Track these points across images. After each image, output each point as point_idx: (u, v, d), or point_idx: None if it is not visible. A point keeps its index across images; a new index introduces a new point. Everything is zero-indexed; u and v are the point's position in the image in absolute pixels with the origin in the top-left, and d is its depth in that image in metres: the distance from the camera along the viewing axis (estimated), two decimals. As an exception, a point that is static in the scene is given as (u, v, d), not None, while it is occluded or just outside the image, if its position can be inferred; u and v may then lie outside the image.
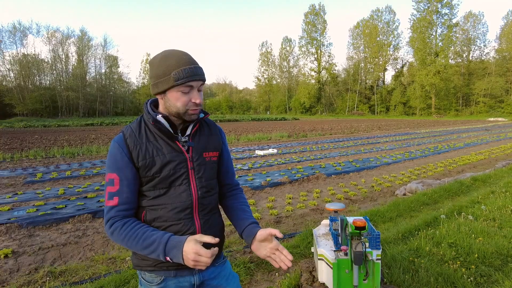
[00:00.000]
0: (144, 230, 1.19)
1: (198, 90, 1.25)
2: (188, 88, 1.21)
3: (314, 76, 77.67)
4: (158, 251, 1.14)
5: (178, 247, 1.11)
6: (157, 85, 1.23)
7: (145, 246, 1.15)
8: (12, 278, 3.22)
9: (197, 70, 1.22)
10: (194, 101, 1.22)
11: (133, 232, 1.18)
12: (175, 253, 1.11)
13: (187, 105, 1.22)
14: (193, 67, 1.20)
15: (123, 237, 1.18)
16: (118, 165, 1.22)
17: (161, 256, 1.14)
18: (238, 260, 3.27)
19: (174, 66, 1.19)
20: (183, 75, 1.18)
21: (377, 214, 4.75)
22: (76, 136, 20.61)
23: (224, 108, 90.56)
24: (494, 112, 56.06)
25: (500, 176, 7.19)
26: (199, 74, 1.22)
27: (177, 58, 1.21)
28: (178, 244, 1.12)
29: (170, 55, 1.22)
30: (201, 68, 1.25)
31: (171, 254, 1.12)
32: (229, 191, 1.51)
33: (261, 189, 6.63)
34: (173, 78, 1.18)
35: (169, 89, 1.22)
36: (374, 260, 2.04)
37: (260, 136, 18.63)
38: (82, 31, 64.45)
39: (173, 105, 1.23)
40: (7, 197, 6.10)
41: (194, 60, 1.24)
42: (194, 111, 1.25)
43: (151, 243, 1.15)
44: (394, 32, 71.68)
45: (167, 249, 1.13)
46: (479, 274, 2.92)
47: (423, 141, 16.10)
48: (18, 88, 54.99)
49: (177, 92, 1.21)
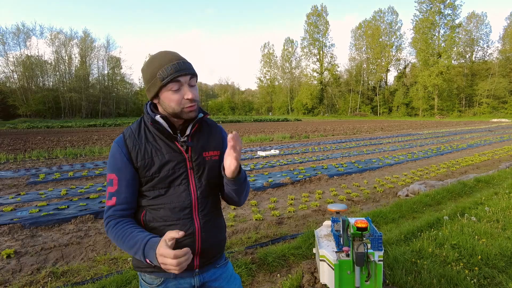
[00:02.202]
0: (131, 230, 1.18)
1: (190, 85, 1.22)
2: (176, 85, 1.19)
3: (316, 77, 77.66)
4: (139, 253, 1.13)
5: (154, 249, 1.08)
6: (149, 90, 1.23)
7: (130, 246, 1.15)
8: (15, 278, 3.23)
9: (182, 65, 1.19)
10: (187, 97, 1.20)
11: (122, 232, 1.18)
12: (152, 255, 1.08)
13: (181, 103, 1.20)
14: (176, 63, 1.19)
15: (113, 236, 1.20)
16: (117, 165, 1.23)
17: (142, 258, 1.13)
18: (240, 261, 3.26)
19: (158, 66, 1.18)
20: (167, 73, 1.17)
21: (379, 215, 4.73)
22: (79, 137, 20.69)
23: (226, 109, 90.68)
24: (498, 113, 55.82)
25: (504, 177, 7.14)
26: (184, 68, 1.19)
27: (160, 58, 1.20)
28: (154, 246, 1.09)
29: (154, 58, 1.22)
30: (187, 62, 1.22)
31: (150, 257, 1.10)
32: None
33: (263, 190, 6.63)
34: (159, 79, 1.18)
35: (160, 91, 1.21)
36: (376, 261, 2.03)
37: (262, 137, 18.62)
38: (85, 33, 64.84)
39: (168, 106, 1.22)
40: (10, 197, 6.13)
41: (179, 56, 1.23)
42: (190, 108, 1.22)
43: (134, 244, 1.14)
44: (397, 33, 71.66)
45: (146, 251, 1.11)
46: (483, 276, 2.90)
47: (425, 142, 16.03)
48: (22, 90, 55.32)
49: (168, 92, 1.20)
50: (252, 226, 4.55)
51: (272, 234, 4.25)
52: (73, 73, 63.06)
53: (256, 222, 4.74)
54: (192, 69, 1.23)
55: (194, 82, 1.24)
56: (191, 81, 1.22)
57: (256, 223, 4.69)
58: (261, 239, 4.12)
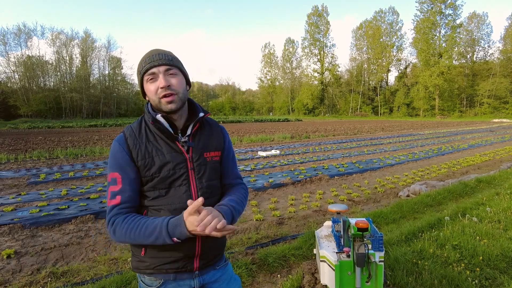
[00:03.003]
0: (144, 219, 1.18)
1: (169, 75, 1.21)
2: (151, 76, 1.21)
3: (317, 77, 77.65)
4: (163, 235, 1.12)
5: (180, 224, 1.10)
6: (139, 87, 1.29)
7: (148, 234, 1.14)
8: (15, 278, 3.23)
9: (156, 56, 1.21)
10: (160, 85, 1.19)
11: (135, 224, 1.16)
12: (180, 230, 1.09)
13: (157, 93, 1.21)
14: (151, 55, 1.22)
15: (125, 231, 1.16)
16: (119, 164, 1.22)
17: (167, 239, 1.12)
18: (240, 261, 3.26)
19: (140, 62, 1.25)
20: (143, 66, 1.22)
21: (380, 215, 4.72)
22: (80, 137, 20.71)
23: (227, 109, 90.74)
24: (499, 113, 55.72)
25: (505, 178, 7.12)
26: (158, 59, 1.20)
27: (144, 55, 1.25)
28: (179, 221, 1.10)
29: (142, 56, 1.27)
30: (165, 54, 1.23)
31: (176, 233, 1.10)
32: (228, 189, 1.45)
33: (264, 190, 6.62)
34: (139, 73, 1.24)
35: (143, 86, 1.25)
36: (377, 262, 2.02)
37: (263, 137, 18.62)
38: (86, 33, 64.91)
39: (151, 100, 1.24)
40: (11, 197, 6.13)
41: (159, 50, 1.25)
42: (167, 98, 1.20)
43: (153, 230, 1.13)
44: (398, 33, 71.59)
45: (170, 230, 1.11)
46: (484, 276, 2.89)
47: (426, 142, 16.01)
48: (23, 90, 55.40)
49: (146, 84, 1.23)
50: (253, 227, 4.54)
51: (273, 235, 4.24)
52: (74, 73, 63.11)
53: (256, 222, 4.73)
54: (168, 60, 1.22)
55: (174, 72, 1.23)
56: (169, 71, 1.22)
57: (256, 223, 4.68)
58: (261, 239, 4.11)
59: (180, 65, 1.27)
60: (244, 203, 1.37)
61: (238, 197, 1.35)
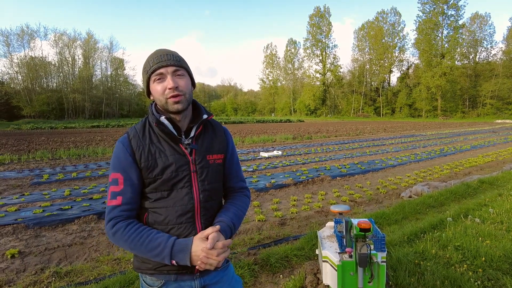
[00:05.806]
0: (148, 232, 1.18)
1: (177, 76, 1.22)
2: (159, 76, 1.21)
3: (319, 78, 77.43)
4: (163, 255, 1.13)
5: (185, 250, 1.12)
6: (144, 87, 1.29)
7: (150, 249, 1.15)
8: (19, 278, 3.25)
9: (164, 56, 1.22)
10: (168, 86, 1.20)
11: (137, 234, 1.16)
12: (182, 257, 1.12)
13: (165, 94, 1.21)
14: (159, 55, 1.22)
15: (126, 239, 1.17)
16: (122, 165, 1.22)
17: (166, 260, 1.13)
18: (243, 261, 3.27)
19: (146, 62, 1.25)
20: (150, 66, 1.22)
21: (383, 216, 4.71)
22: (82, 138, 20.78)
23: (229, 110, 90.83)
24: (502, 114, 55.40)
25: (508, 179, 7.09)
26: (166, 59, 1.21)
27: (150, 55, 1.25)
28: (185, 247, 1.12)
29: (148, 56, 1.27)
30: (172, 54, 1.24)
31: (178, 258, 1.12)
32: (231, 193, 1.46)
33: (266, 191, 6.62)
34: (145, 73, 1.23)
35: (149, 86, 1.25)
36: (379, 262, 2.02)
37: (265, 138, 18.62)
38: (89, 34, 65.22)
39: (157, 100, 1.24)
40: (14, 198, 6.17)
41: (166, 50, 1.25)
42: (174, 99, 1.21)
43: (156, 247, 1.14)
44: (400, 33, 71.28)
45: (174, 252, 1.13)
46: (487, 277, 2.88)
47: (429, 143, 15.96)
48: (26, 91, 55.65)
49: (153, 84, 1.23)
50: (255, 227, 4.55)
51: (275, 235, 4.25)
52: (77, 74, 63.33)
53: (258, 223, 4.74)
54: (176, 61, 1.23)
55: (182, 73, 1.24)
56: (176, 72, 1.23)
57: (258, 224, 4.69)
58: (263, 240, 4.12)
59: (187, 66, 1.29)
60: (244, 214, 1.41)
61: (240, 208, 1.39)
